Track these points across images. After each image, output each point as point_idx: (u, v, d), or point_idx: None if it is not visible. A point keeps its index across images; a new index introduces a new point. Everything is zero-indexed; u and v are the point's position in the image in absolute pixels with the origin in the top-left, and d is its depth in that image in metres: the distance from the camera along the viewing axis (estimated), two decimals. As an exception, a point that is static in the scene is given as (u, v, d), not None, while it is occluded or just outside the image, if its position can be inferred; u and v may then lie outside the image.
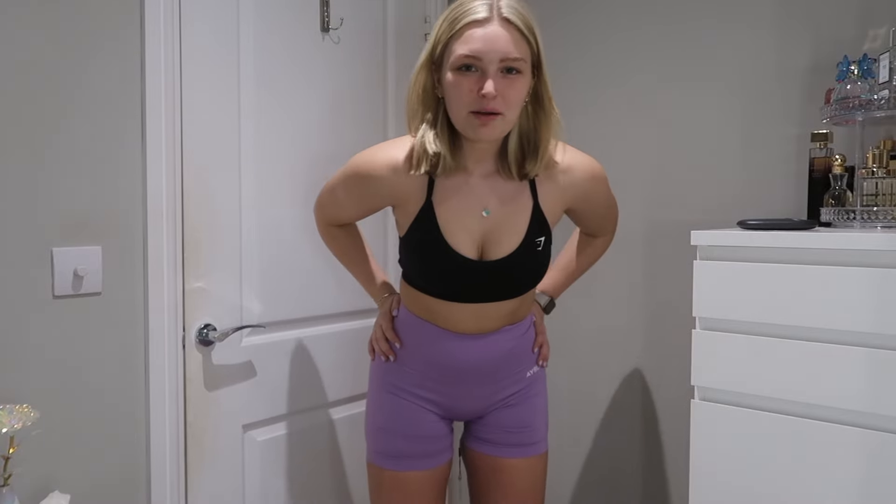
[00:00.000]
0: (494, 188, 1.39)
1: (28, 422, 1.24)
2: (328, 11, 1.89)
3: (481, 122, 1.26)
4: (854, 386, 1.32)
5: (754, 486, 1.44)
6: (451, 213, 1.37)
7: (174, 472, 1.61)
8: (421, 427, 1.50)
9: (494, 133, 1.29)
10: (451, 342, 1.45)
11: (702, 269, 1.50)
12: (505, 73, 1.25)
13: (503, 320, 1.46)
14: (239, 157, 1.72)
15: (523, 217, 1.39)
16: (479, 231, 1.39)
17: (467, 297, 1.42)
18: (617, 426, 2.14)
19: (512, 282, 1.43)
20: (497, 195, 1.39)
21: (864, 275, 1.31)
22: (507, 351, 1.48)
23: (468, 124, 1.28)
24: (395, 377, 1.52)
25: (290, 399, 1.86)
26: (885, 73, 1.48)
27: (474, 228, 1.38)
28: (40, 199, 1.41)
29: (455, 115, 1.30)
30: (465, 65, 1.24)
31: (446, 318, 1.45)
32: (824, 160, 1.62)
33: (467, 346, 1.45)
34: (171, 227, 1.58)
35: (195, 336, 1.65)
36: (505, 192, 1.39)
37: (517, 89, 1.27)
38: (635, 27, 2.06)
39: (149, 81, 1.54)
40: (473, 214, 1.38)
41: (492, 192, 1.39)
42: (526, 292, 1.48)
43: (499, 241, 1.39)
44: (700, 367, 1.50)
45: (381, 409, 1.53)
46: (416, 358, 1.49)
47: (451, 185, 1.38)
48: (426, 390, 1.49)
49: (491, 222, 1.38)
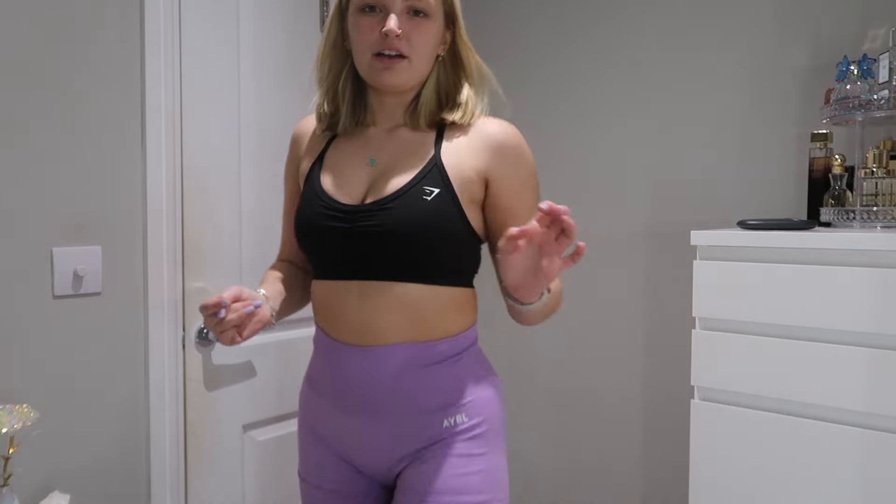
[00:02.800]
0: (393, 138, 1.20)
1: (28, 422, 1.24)
2: (328, 11, 1.89)
3: (384, 66, 1.12)
4: (854, 386, 1.32)
5: (754, 485, 1.44)
6: (335, 165, 1.20)
7: (174, 472, 1.61)
8: (327, 477, 1.20)
9: (399, 78, 1.14)
10: (333, 353, 1.17)
11: (702, 269, 1.50)
12: (411, 16, 1.13)
13: (399, 326, 1.12)
14: (239, 156, 1.72)
15: (415, 164, 1.15)
16: (365, 181, 1.16)
17: (345, 260, 1.14)
18: (617, 426, 2.14)
19: (393, 237, 1.11)
20: (393, 145, 1.19)
21: (864, 275, 1.31)
22: (399, 378, 1.12)
23: (371, 69, 1.14)
24: (305, 408, 1.25)
25: (291, 399, 1.85)
26: (884, 73, 1.48)
27: (359, 178, 1.17)
28: (40, 199, 1.41)
29: (359, 62, 1.16)
30: (368, 5, 1.14)
31: (333, 317, 1.17)
32: (824, 160, 1.62)
33: (348, 359, 1.14)
34: (171, 227, 1.58)
35: (195, 336, 1.65)
36: (402, 142, 1.19)
37: (423, 33, 1.14)
38: (635, 27, 2.06)
39: (149, 81, 1.54)
40: (359, 165, 1.18)
41: (388, 142, 1.19)
42: (423, 270, 1.12)
43: (381, 189, 1.14)
44: (700, 367, 1.50)
45: (299, 451, 1.27)
46: (319, 381, 1.23)
47: (347, 141, 1.22)
48: (324, 426, 1.20)
49: (377, 171, 1.17)
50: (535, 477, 2.29)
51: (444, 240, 1.13)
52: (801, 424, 1.38)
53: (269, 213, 1.79)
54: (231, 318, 1.06)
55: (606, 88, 2.12)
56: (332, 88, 1.21)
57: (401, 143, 1.18)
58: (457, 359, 1.16)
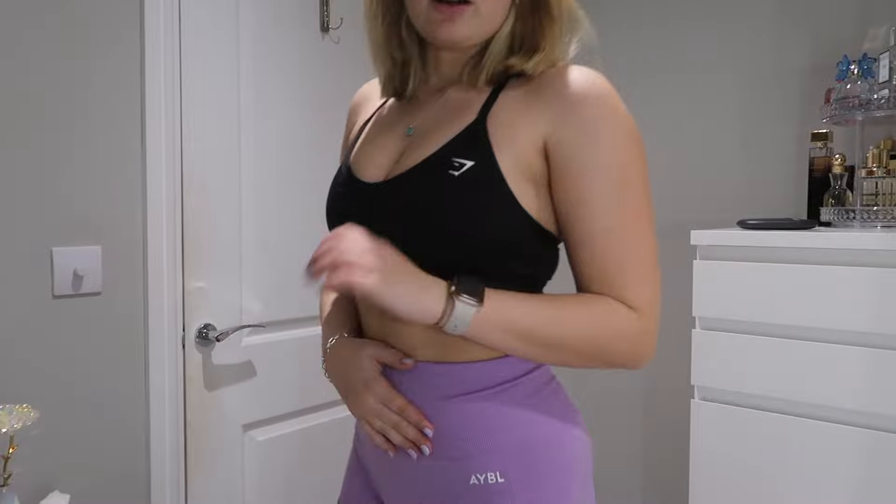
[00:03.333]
0: (441, 100, 0.92)
1: (28, 422, 1.24)
2: (328, 11, 1.89)
3: (444, 16, 0.83)
4: (854, 385, 1.32)
5: (754, 485, 1.44)
6: (371, 135, 0.97)
7: (174, 472, 1.61)
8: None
9: (462, 32, 0.84)
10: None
11: (702, 268, 1.50)
12: None
13: (424, 342, 0.85)
14: (239, 156, 1.72)
15: (452, 128, 0.85)
16: (396, 151, 0.91)
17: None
18: (617, 426, 2.14)
19: (404, 224, 0.83)
20: (439, 106, 0.91)
21: (863, 274, 1.31)
22: (423, 407, 0.85)
23: (427, 21, 0.85)
24: (357, 428, 1.04)
25: (290, 399, 1.86)
26: (884, 73, 1.48)
27: (390, 150, 0.92)
28: (40, 199, 1.41)
29: (414, 12, 0.87)
30: None
31: (363, 324, 0.96)
32: (824, 160, 1.62)
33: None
34: (171, 227, 1.58)
35: (195, 336, 1.65)
36: (449, 102, 0.90)
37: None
38: (635, 27, 2.06)
39: (148, 81, 1.54)
40: (395, 134, 0.93)
41: (434, 104, 0.92)
42: (450, 269, 0.79)
43: (403, 163, 0.88)
44: (700, 367, 1.50)
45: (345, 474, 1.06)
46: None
47: (396, 106, 0.98)
48: (364, 453, 1.00)
49: (410, 140, 0.90)
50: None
51: (479, 229, 0.80)
52: (800, 424, 1.38)
53: (268, 212, 1.79)
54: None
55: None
56: (384, 45, 0.94)
57: (447, 104, 0.90)
58: (497, 390, 0.85)
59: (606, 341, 0.83)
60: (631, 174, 0.82)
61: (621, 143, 0.82)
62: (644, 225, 0.85)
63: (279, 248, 1.81)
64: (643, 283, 0.84)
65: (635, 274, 0.84)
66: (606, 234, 0.81)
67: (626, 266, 0.83)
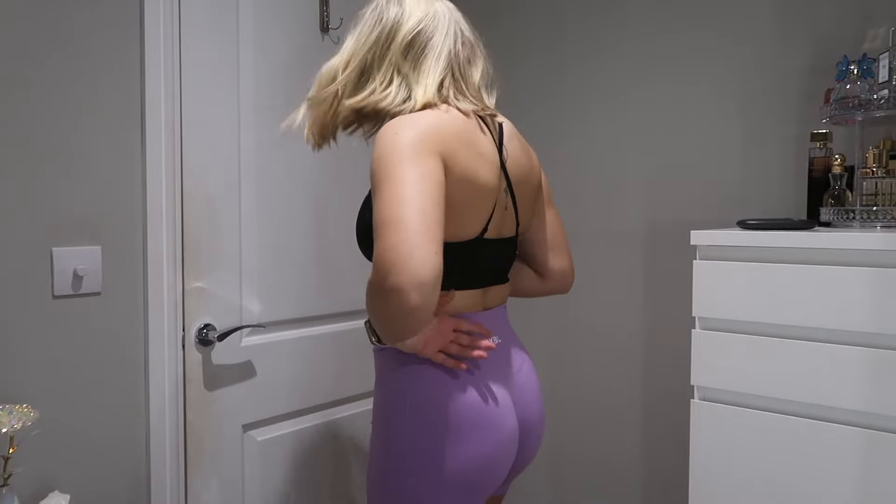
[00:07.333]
0: None
1: (28, 422, 1.24)
2: (328, 11, 1.89)
3: None
4: (854, 386, 1.32)
5: (754, 485, 1.44)
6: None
7: (174, 472, 1.61)
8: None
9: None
10: None
11: (702, 268, 1.50)
12: None
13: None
14: (239, 156, 1.72)
15: None
16: None
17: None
18: (617, 426, 2.14)
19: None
20: None
21: (863, 275, 1.31)
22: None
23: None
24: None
25: (290, 399, 1.86)
26: (884, 73, 1.48)
27: None
28: (40, 199, 1.41)
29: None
30: None
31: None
32: (824, 160, 1.62)
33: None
34: (170, 227, 1.58)
35: (195, 336, 1.65)
36: None
37: None
38: (635, 28, 2.06)
39: (148, 81, 1.54)
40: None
41: None
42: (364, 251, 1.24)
43: None
44: (700, 367, 1.50)
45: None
46: None
47: None
48: None
49: None
50: (535, 477, 2.29)
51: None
52: (801, 424, 1.38)
53: (268, 212, 1.79)
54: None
55: (605, 89, 2.12)
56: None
57: None
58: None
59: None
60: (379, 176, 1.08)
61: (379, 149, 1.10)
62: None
63: (279, 249, 1.81)
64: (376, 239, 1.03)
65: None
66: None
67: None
